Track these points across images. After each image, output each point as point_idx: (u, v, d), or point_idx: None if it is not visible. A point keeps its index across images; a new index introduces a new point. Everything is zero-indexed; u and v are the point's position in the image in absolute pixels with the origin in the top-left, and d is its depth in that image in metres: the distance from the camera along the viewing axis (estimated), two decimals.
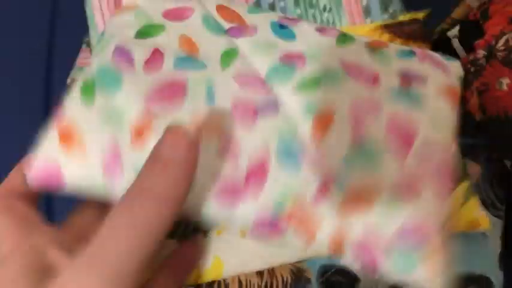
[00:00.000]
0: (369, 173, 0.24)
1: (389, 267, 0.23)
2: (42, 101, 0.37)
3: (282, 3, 0.32)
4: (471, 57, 0.32)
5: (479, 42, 0.32)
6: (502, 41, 0.31)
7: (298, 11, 0.32)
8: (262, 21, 0.28)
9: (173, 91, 0.24)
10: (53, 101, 0.37)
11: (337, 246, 0.24)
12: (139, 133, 0.23)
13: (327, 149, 0.24)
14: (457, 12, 0.37)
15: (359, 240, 0.24)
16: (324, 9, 0.32)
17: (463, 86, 0.29)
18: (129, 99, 0.24)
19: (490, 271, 0.29)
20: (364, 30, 0.32)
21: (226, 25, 0.28)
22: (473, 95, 0.31)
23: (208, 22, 0.27)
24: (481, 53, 0.31)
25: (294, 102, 0.25)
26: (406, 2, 0.34)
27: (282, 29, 0.28)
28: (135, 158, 0.22)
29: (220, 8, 0.28)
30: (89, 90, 0.24)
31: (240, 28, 0.27)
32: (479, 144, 0.31)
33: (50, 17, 0.39)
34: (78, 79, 0.25)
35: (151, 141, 0.22)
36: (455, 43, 0.36)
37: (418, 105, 0.26)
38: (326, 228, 0.23)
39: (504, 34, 0.31)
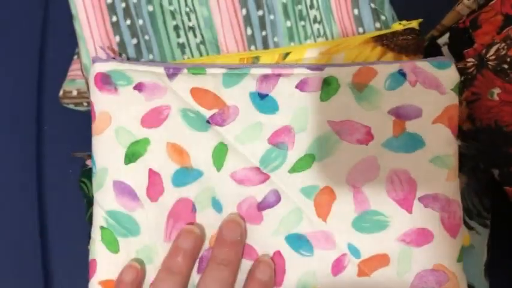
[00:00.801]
0: (378, 231, 0.25)
1: None
2: (33, 112, 0.36)
3: (271, 17, 0.31)
4: (460, 65, 0.31)
5: (469, 51, 0.32)
6: (492, 51, 0.30)
7: (289, 24, 0.31)
8: (241, 95, 0.27)
9: (184, 214, 0.26)
10: (44, 111, 0.37)
11: None
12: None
13: (334, 223, 0.26)
14: (448, 19, 0.36)
15: None
16: (315, 20, 0.31)
17: None
18: (151, 241, 0.26)
19: (476, 280, 0.29)
20: (356, 42, 0.31)
21: (207, 113, 0.27)
22: (461, 105, 0.31)
23: (188, 117, 0.26)
24: (471, 61, 0.31)
25: (292, 186, 0.26)
26: (396, 9, 0.33)
27: (262, 99, 0.27)
28: None
29: (195, 92, 0.27)
30: (112, 242, 0.26)
31: (221, 114, 0.26)
32: (466, 154, 0.31)
33: (41, 27, 0.38)
34: (93, 232, 0.27)
35: None
36: (445, 51, 0.35)
37: (416, 145, 0.26)
38: None
39: (495, 43, 0.30)
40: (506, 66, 0.30)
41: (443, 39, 0.36)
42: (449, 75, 0.27)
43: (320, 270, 0.25)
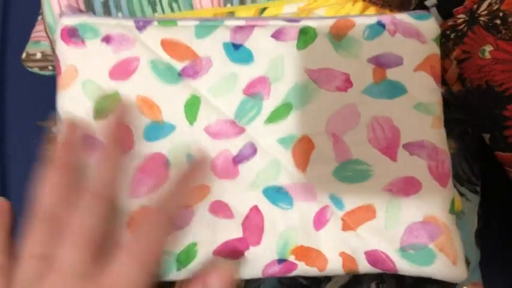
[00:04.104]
0: (362, 181, 0.23)
1: (408, 265, 0.22)
2: None
3: None
4: (450, 22, 0.28)
5: (459, 9, 0.28)
6: (484, 5, 0.27)
7: None
8: (214, 45, 0.24)
9: (156, 170, 0.23)
10: (7, 76, 0.33)
11: (351, 264, 0.22)
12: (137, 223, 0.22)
13: (314, 174, 0.23)
14: None
15: (372, 249, 0.22)
16: None
17: (442, 53, 0.26)
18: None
19: (467, 249, 0.26)
20: None
21: (178, 65, 0.24)
22: (451, 65, 0.27)
23: (158, 69, 0.24)
24: (461, 17, 0.27)
25: (268, 138, 0.23)
26: None
27: (236, 50, 0.24)
28: None
29: (165, 44, 0.24)
30: None
31: (194, 66, 0.24)
32: (454, 119, 0.28)
33: None
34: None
35: None
36: (434, 12, 0.31)
37: (398, 92, 0.23)
38: (335, 250, 0.22)
39: None
40: (498, 21, 0.26)
41: (432, 1, 0.32)
42: (429, 26, 0.25)
43: (301, 225, 0.22)
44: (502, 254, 0.29)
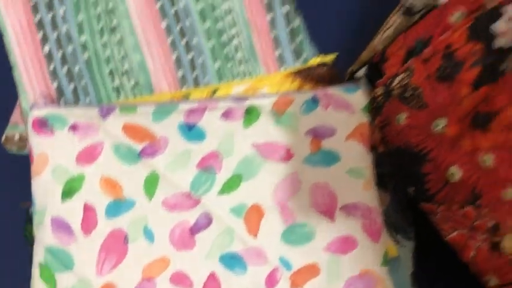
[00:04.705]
0: (306, 243, 0.26)
1: None
2: None
3: (200, 60, 0.32)
4: (371, 95, 0.33)
5: (379, 82, 0.34)
6: (397, 80, 0.32)
7: (217, 65, 0.32)
8: (170, 127, 0.28)
9: (116, 247, 0.26)
10: None
11: None
12: None
13: (264, 239, 0.26)
14: (364, 55, 0.38)
15: None
16: (240, 62, 0.33)
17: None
18: (84, 275, 0.25)
19: None
20: (277, 78, 0.32)
21: (138, 147, 0.27)
22: (375, 130, 0.32)
23: (120, 152, 0.27)
24: (379, 91, 0.33)
25: (222, 207, 0.26)
26: (319, 47, 0.35)
27: (190, 130, 0.28)
28: None
29: (126, 129, 0.28)
30: (50, 278, 0.26)
31: (152, 146, 0.27)
32: (386, 173, 0.32)
33: None
34: (33, 269, 0.26)
35: None
36: (363, 82, 0.37)
37: (333, 160, 0.27)
38: None
39: (399, 74, 0.33)
40: (409, 94, 0.32)
41: (361, 73, 0.38)
42: (358, 98, 0.30)
43: (254, 287, 0.25)
44: None
